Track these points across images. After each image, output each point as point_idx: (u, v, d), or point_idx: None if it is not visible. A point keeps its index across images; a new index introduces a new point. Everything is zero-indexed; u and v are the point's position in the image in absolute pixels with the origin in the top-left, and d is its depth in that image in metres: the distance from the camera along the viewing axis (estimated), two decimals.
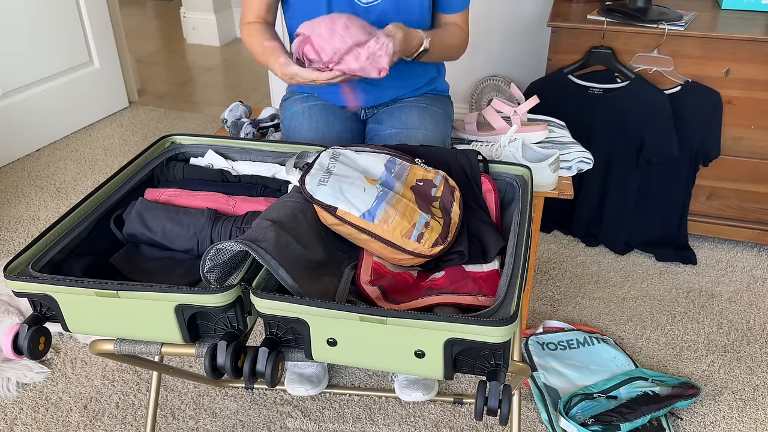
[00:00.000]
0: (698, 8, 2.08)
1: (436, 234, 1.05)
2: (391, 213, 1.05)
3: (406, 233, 1.03)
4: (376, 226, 1.04)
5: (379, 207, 1.05)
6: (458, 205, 1.13)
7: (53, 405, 1.63)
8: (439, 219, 1.07)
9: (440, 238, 1.05)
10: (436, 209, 1.09)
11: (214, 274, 0.94)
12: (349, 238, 1.09)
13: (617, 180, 2.09)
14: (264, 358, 0.90)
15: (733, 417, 1.60)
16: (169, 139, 1.33)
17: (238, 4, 4.17)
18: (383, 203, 1.06)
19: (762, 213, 2.10)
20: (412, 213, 1.06)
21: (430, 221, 1.06)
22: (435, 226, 1.06)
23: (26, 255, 0.99)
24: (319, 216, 1.08)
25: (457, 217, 1.11)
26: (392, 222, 1.04)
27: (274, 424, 1.58)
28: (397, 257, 1.06)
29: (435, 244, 1.04)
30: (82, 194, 2.52)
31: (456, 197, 1.14)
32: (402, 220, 1.04)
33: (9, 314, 1.76)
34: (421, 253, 1.04)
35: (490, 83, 2.66)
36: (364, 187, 1.08)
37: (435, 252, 1.05)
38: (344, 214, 1.04)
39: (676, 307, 1.95)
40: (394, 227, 1.03)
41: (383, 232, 1.04)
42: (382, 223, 1.04)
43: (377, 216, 1.04)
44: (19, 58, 2.69)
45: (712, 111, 1.97)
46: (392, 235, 1.04)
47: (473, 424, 1.57)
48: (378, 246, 1.05)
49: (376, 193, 1.07)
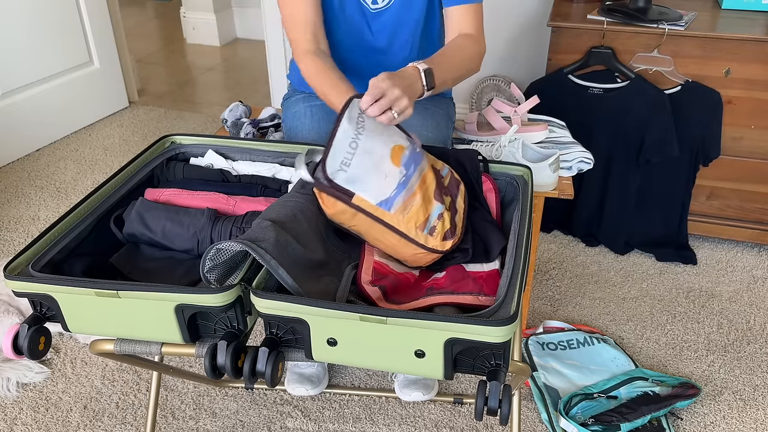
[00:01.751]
0: (698, 8, 2.08)
1: (447, 226, 1.05)
2: (409, 202, 1.03)
3: (420, 225, 1.02)
4: (392, 215, 1.02)
5: (398, 195, 1.02)
6: (462, 199, 1.12)
7: (53, 405, 1.63)
8: (448, 210, 1.07)
9: (449, 231, 1.05)
10: (447, 198, 1.09)
11: (214, 274, 0.94)
12: (358, 232, 1.08)
13: (617, 180, 2.09)
14: (264, 358, 0.90)
15: (733, 417, 1.60)
16: (169, 139, 1.33)
17: (238, 4, 4.17)
18: (404, 191, 1.03)
19: (762, 213, 2.10)
20: (428, 203, 1.04)
21: (443, 212, 1.05)
22: (446, 217, 1.05)
23: (26, 255, 0.99)
24: (325, 206, 1.06)
25: (462, 211, 1.11)
26: (409, 212, 1.02)
27: (274, 424, 1.58)
28: (409, 252, 1.05)
29: (445, 238, 1.04)
30: (82, 194, 2.52)
31: (461, 191, 1.13)
32: (419, 210, 1.03)
33: (9, 314, 1.76)
34: (433, 248, 1.04)
35: (490, 83, 2.66)
36: (386, 173, 1.03)
37: (446, 247, 1.04)
38: (360, 202, 1.01)
39: (676, 307, 1.95)
40: (410, 218, 1.02)
41: (398, 223, 1.02)
42: (398, 213, 1.02)
43: (395, 205, 1.02)
44: (18, 58, 2.68)
45: (712, 111, 1.97)
46: (407, 227, 1.02)
47: (473, 424, 1.57)
48: (392, 240, 1.04)
49: (398, 180, 1.03)
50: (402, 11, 1.41)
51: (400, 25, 1.42)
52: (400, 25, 1.42)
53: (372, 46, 1.44)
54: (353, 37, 1.44)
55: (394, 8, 1.40)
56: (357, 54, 1.46)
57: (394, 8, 1.40)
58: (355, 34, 1.43)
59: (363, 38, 1.44)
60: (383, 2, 1.39)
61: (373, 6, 1.40)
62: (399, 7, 1.40)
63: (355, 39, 1.44)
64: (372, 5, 1.40)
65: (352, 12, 1.41)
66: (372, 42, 1.44)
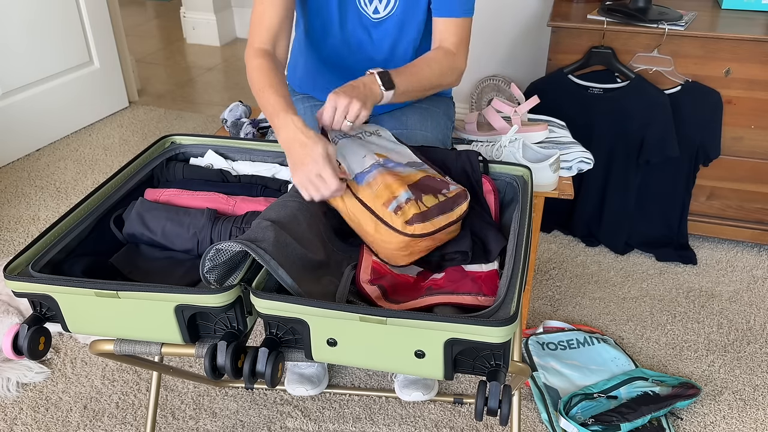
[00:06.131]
0: (698, 8, 2.08)
1: (414, 211, 1.04)
2: (379, 180, 1.08)
3: (386, 202, 1.05)
4: (361, 188, 1.08)
5: (371, 173, 1.09)
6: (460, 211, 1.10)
7: (53, 405, 1.63)
8: (422, 205, 1.06)
9: (417, 217, 1.04)
10: (428, 197, 1.07)
11: (214, 274, 0.94)
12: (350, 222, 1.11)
13: (617, 180, 2.09)
14: (264, 358, 0.90)
15: (733, 417, 1.60)
16: (169, 139, 1.33)
17: (238, 4, 4.17)
18: (376, 170, 1.10)
19: (762, 213, 2.10)
20: (397, 187, 1.06)
21: (411, 200, 1.05)
22: (414, 206, 1.05)
23: (26, 255, 0.99)
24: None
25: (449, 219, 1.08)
26: (376, 189, 1.07)
27: (274, 424, 1.58)
28: (379, 239, 1.07)
29: (410, 222, 1.03)
30: (82, 194, 2.52)
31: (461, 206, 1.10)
32: (385, 189, 1.06)
33: (9, 314, 1.76)
34: (395, 227, 1.04)
35: (491, 83, 2.66)
36: (364, 154, 1.14)
37: (408, 230, 1.03)
38: (343, 172, 1.10)
39: (676, 307, 1.95)
40: (377, 195, 1.06)
41: (365, 196, 1.07)
42: (366, 187, 1.07)
43: (365, 180, 1.09)
44: (18, 58, 2.68)
45: (712, 111, 1.97)
46: (373, 203, 1.06)
47: (473, 424, 1.57)
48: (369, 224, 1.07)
49: (372, 162, 1.12)
50: (403, 20, 1.40)
51: (400, 35, 1.42)
52: (400, 35, 1.42)
53: (371, 57, 1.44)
54: (352, 47, 1.43)
55: (395, 17, 1.40)
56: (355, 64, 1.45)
57: (395, 17, 1.40)
58: (355, 44, 1.43)
59: (362, 48, 1.43)
60: (384, 11, 1.39)
61: (374, 15, 1.39)
62: (400, 15, 1.40)
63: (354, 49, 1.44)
64: (373, 15, 1.39)
65: (353, 24, 1.40)
66: (372, 52, 1.44)
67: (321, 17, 1.40)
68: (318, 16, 1.40)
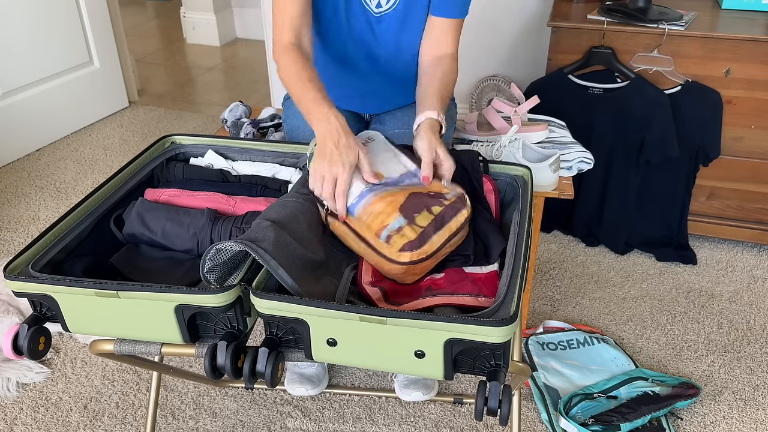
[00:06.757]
0: (698, 8, 2.08)
1: (405, 240, 1.02)
2: (369, 209, 1.06)
3: (378, 231, 1.04)
4: (354, 220, 1.07)
5: (359, 203, 1.07)
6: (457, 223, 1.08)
7: (53, 405, 1.63)
8: (416, 228, 1.04)
9: (409, 245, 1.02)
10: (422, 216, 1.05)
11: (214, 274, 0.94)
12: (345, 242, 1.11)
13: (617, 180, 2.09)
14: (264, 358, 0.90)
15: (733, 417, 1.60)
16: (169, 139, 1.33)
17: (238, 4, 4.17)
18: (364, 199, 1.07)
19: (762, 213, 2.10)
20: (387, 215, 1.04)
21: (404, 227, 1.03)
22: (407, 233, 1.02)
23: (26, 255, 0.99)
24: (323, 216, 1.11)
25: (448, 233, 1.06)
26: (366, 220, 1.05)
27: (274, 424, 1.58)
28: (376, 260, 1.06)
29: (403, 249, 1.02)
30: (82, 194, 2.52)
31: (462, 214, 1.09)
32: (375, 219, 1.05)
33: (9, 314, 1.76)
34: (389, 257, 1.02)
35: (491, 83, 2.66)
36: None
37: (404, 259, 1.02)
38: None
39: (676, 307, 1.95)
40: (368, 226, 1.05)
41: (360, 228, 1.06)
42: (356, 219, 1.07)
43: (356, 211, 1.07)
44: (18, 58, 2.69)
45: (712, 111, 1.97)
46: (366, 234, 1.05)
47: (473, 424, 1.57)
48: (365, 249, 1.06)
49: (360, 191, 1.09)
50: (405, 14, 1.41)
51: (403, 30, 1.42)
52: (403, 30, 1.42)
53: (374, 51, 1.44)
54: (357, 42, 1.44)
55: (397, 12, 1.40)
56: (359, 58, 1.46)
57: (398, 12, 1.40)
58: (359, 39, 1.43)
59: (365, 42, 1.44)
60: (387, 5, 1.39)
61: (376, 9, 1.40)
62: (402, 10, 1.40)
63: (358, 44, 1.44)
64: (376, 9, 1.39)
65: (357, 18, 1.40)
66: (374, 47, 1.44)
67: (327, 13, 1.40)
68: (324, 11, 1.41)
